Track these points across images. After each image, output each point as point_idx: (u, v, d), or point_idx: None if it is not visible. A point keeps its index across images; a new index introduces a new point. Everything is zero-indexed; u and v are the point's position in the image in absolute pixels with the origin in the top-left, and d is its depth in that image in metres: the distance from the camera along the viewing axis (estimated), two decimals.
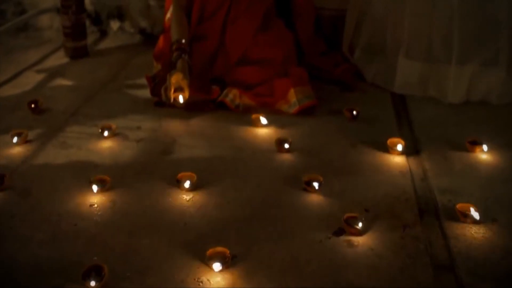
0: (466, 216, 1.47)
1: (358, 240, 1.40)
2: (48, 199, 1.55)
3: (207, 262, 1.29)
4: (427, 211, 1.54)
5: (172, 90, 1.97)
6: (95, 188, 1.55)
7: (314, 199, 1.57)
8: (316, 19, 2.60)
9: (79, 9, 2.59)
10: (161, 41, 2.39)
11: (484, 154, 1.82)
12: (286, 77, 2.18)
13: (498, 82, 2.18)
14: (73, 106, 2.11)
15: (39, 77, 2.40)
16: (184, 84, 1.98)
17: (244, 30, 2.24)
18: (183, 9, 2.25)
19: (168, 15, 2.39)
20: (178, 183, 1.59)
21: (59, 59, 2.62)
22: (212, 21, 2.26)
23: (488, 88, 2.19)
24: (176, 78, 1.97)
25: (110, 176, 1.62)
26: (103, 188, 1.56)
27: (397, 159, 1.79)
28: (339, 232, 1.43)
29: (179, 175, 1.60)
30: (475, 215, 1.47)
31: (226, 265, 1.28)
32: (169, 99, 1.98)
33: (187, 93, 1.99)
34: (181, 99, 1.99)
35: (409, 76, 2.28)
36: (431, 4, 2.18)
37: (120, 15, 2.93)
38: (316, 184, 1.58)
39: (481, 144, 1.84)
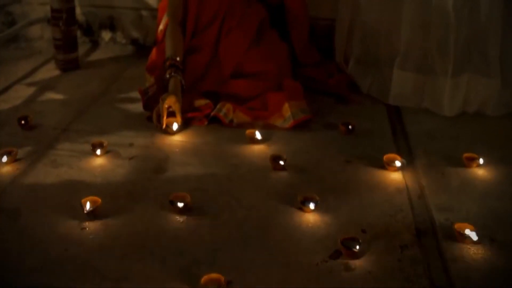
0: (464, 236, 1.45)
1: (355, 263, 1.38)
2: (38, 222, 1.51)
3: None
4: (424, 231, 1.52)
5: (165, 117, 1.95)
6: (86, 210, 1.52)
7: (310, 219, 1.54)
8: (310, 29, 2.58)
9: (70, 21, 2.55)
10: (154, 54, 2.37)
11: (481, 169, 1.81)
12: (280, 90, 2.15)
13: (493, 93, 2.16)
14: (64, 122, 2.08)
15: (29, 90, 2.36)
16: (177, 108, 1.96)
17: (237, 42, 2.21)
18: (179, 23, 2.22)
19: (161, 27, 2.36)
20: (171, 204, 1.55)
21: (50, 71, 2.58)
22: (205, 33, 2.24)
23: (483, 100, 2.18)
24: (169, 103, 1.95)
25: (102, 196, 1.58)
26: (94, 210, 1.53)
27: (393, 176, 1.77)
28: (336, 254, 1.40)
29: (172, 195, 1.57)
30: (473, 235, 1.45)
31: None
32: (161, 126, 1.96)
33: (179, 119, 1.97)
34: (174, 126, 1.97)
35: (404, 87, 2.26)
36: (426, 14, 2.15)
37: (112, 25, 2.90)
38: (312, 205, 1.55)
39: (478, 159, 1.82)
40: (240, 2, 2.29)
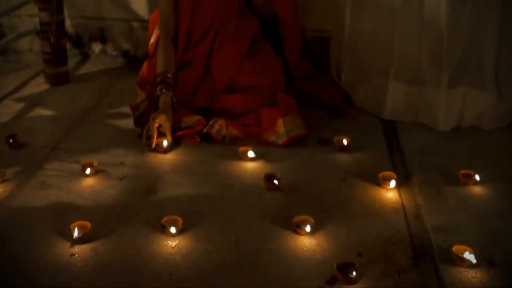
0: (462, 260, 1.42)
1: None
2: (26, 248, 1.47)
3: None
4: (421, 253, 1.49)
5: (155, 137, 1.93)
6: (75, 235, 1.48)
7: (305, 242, 1.51)
8: (303, 41, 2.55)
9: (60, 34, 2.51)
10: (144, 68, 2.33)
11: (478, 186, 1.78)
12: (274, 105, 2.12)
13: (489, 107, 2.13)
14: (53, 140, 2.03)
15: (18, 106, 2.32)
16: (167, 127, 1.93)
17: (230, 56, 2.18)
18: (171, 38, 2.19)
19: (152, 40, 2.32)
20: (163, 228, 1.52)
21: (39, 85, 2.53)
22: (198, 48, 2.21)
23: (479, 113, 2.15)
24: (159, 122, 1.92)
25: (92, 220, 1.55)
26: (84, 235, 1.49)
27: (389, 194, 1.74)
28: (332, 281, 1.37)
29: (164, 219, 1.53)
30: (471, 258, 1.42)
31: None
32: (151, 145, 1.94)
33: (169, 138, 1.94)
34: (164, 143, 1.94)
35: (398, 101, 2.22)
36: (420, 25, 2.12)
37: (102, 37, 2.86)
38: (307, 228, 1.52)
39: (474, 176, 1.79)
40: (233, 16, 2.26)
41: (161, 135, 1.97)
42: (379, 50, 2.26)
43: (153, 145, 1.93)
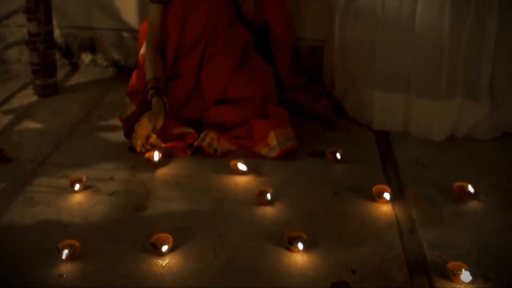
0: (458, 276, 1.40)
1: None
2: (12, 269, 1.43)
3: None
4: (416, 269, 1.47)
5: (139, 143, 1.94)
6: (64, 255, 1.44)
7: (298, 260, 1.48)
8: (295, 50, 2.53)
9: (48, 45, 2.47)
10: (134, 78, 2.29)
11: (472, 199, 1.76)
12: (265, 117, 2.09)
13: (484, 117, 2.11)
14: (41, 154, 2.00)
15: (6, 119, 2.28)
16: (158, 126, 1.95)
17: (221, 69, 2.15)
18: (157, 49, 2.15)
19: (142, 51, 2.29)
20: (153, 247, 1.48)
21: (28, 97, 2.50)
22: (187, 59, 2.17)
23: (473, 124, 2.13)
24: (145, 128, 1.94)
25: (80, 238, 1.51)
26: (72, 254, 1.45)
27: (383, 208, 1.72)
28: None
29: (154, 237, 1.50)
30: (467, 275, 1.40)
31: None
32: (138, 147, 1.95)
33: (159, 141, 1.96)
34: (155, 156, 1.92)
35: (387, 111, 2.19)
36: (410, 35, 2.10)
37: (92, 47, 2.82)
38: (300, 245, 1.49)
39: (469, 188, 1.77)
40: (223, 25, 2.23)
41: (152, 148, 1.95)
42: (363, 60, 2.23)
43: (138, 149, 1.96)
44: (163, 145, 1.97)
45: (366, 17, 2.18)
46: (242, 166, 1.88)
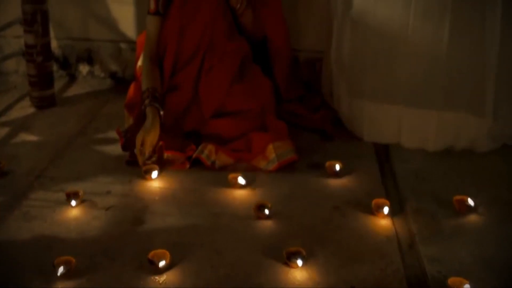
0: None
1: None
2: (8, 285, 1.41)
3: None
4: (416, 285, 1.46)
5: (147, 151, 1.93)
6: (59, 273, 1.42)
7: (297, 276, 1.46)
8: (293, 62, 2.52)
9: (46, 56, 2.46)
10: (131, 90, 2.29)
11: (472, 212, 1.74)
12: (264, 130, 2.08)
13: (484, 130, 2.10)
14: (38, 167, 1.98)
15: (3, 131, 2.26)
16: (152, 143, 1.93)
17: (219, 81, 2.13)
18: (154, 61, 2.15)
19: (139, 63, 2.28)
20: (150, 263, 1.47)
21: (25, 109, 2.48)
22: (185, 72, 2.16)
23: (473, 137, 2.11)
24: (153, 136, 1.94)
25: (77, 255, 1.49)
26: (68, 271, 1.44)
27: (382, 222, 1.70)
28: None
29: (151, 253, 1.48)
30: None
31: None
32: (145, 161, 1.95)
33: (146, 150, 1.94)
34: (154, 174, 1.91)
35: (380, 122, 2.17)
36: (403, 46, 2.08)
37: (90, 58, 2.82)
38: (299, 261, 1.47)
39: (469, 201, 1.75)
40: (222, 37, 2.21)
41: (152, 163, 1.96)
42: (356, 71, 2.21)
43: (145, 162, 1.95)
44: (165, 153, 1.97)
45: (361, 27, 2.16)
46: (241, 180, 1.86)
